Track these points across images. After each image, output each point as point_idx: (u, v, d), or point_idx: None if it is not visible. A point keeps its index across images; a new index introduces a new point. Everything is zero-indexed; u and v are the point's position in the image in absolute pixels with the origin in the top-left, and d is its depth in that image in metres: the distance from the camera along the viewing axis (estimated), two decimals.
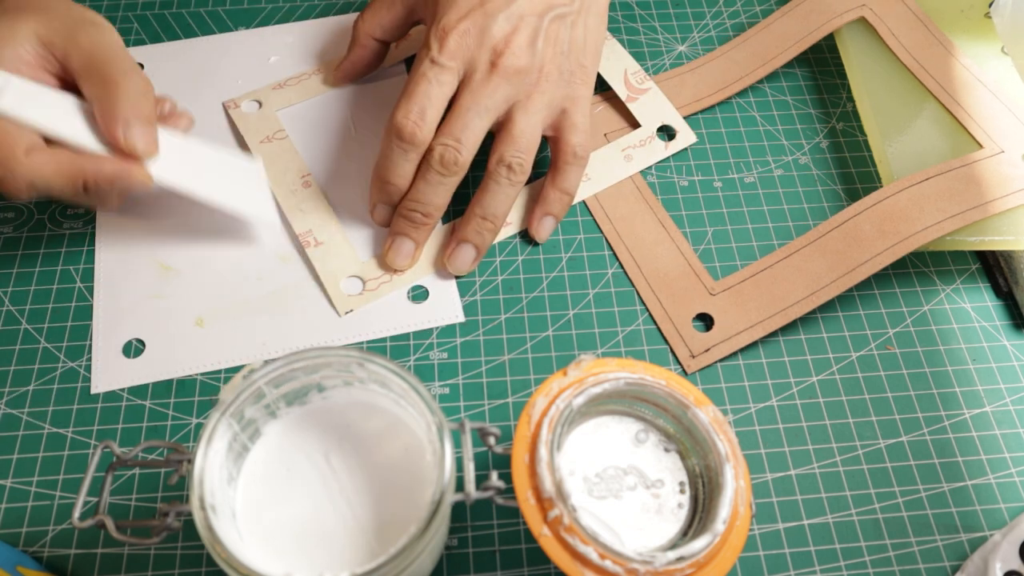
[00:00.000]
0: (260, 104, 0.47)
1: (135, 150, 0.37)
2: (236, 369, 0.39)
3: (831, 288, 0.40)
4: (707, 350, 0.40)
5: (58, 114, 0.37)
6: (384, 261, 0.42)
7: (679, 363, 0.40)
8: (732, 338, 0.40)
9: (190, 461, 0.28)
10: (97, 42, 0.38)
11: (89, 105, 0.37)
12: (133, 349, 0.40)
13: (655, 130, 0.47)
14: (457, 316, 0.41)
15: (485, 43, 0.40)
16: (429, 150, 0.40)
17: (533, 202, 0.44)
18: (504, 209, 0.42)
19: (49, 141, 0.37)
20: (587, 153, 0.42)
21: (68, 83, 0.38)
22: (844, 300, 0.42)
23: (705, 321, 0.41)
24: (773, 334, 0.41)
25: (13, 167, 0.35)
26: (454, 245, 0.42)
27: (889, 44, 0.47)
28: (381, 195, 0.42)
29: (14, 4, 0.38)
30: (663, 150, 0.46)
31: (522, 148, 0.40)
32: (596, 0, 0.43)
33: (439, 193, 0.41)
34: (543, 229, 0.43)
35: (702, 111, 0.49)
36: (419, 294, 0.42)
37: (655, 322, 0.41)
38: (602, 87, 0.49)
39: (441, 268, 0.42)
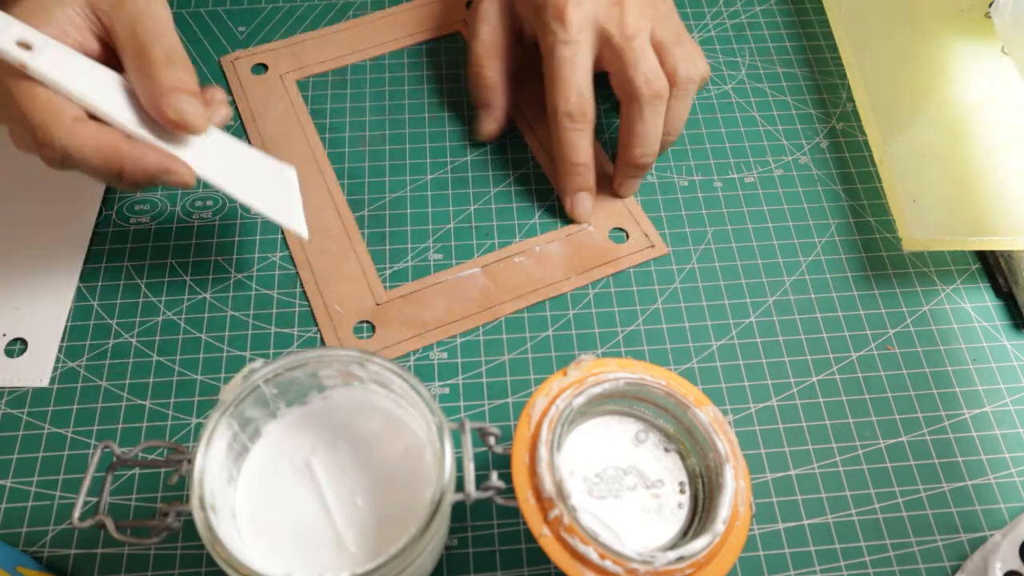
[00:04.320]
0: None
1: (184, 119, 0.34)
2: (237, 367, 0.39)
3: (476, 317, 0.41)
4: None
5: (98, 86, 0.35)
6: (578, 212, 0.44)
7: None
8: (392, 346, 0.40)
9: (190, 461, 0.28)
10: (142, 12, 0.35)
11: (130, 82, 0.35)
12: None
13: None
14: (42, 380, 0.39)
15: (599, 2, 0.41)
16: (633, 89, 0.41)
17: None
18: (683, 120, 0.44)
19: (96, 119, 0.35)
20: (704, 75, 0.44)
21: (114, 55, 0.36)
22: (844, 300, 0.42)
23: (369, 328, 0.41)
24: (772, 334, 0.41)
25: (54, 134, 0.33)
26: (623, 178, 0.44)
27: None
28: (577, 181, 0.43)
29: None
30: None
31: (681, 55, 0.42)
32: None
33: (658, 126, 0.42)
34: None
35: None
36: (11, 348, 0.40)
37: (316, 322, 0.41)
38: None
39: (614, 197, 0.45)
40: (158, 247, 0.43)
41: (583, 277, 0.42)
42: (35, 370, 0.39)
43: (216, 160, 0.37)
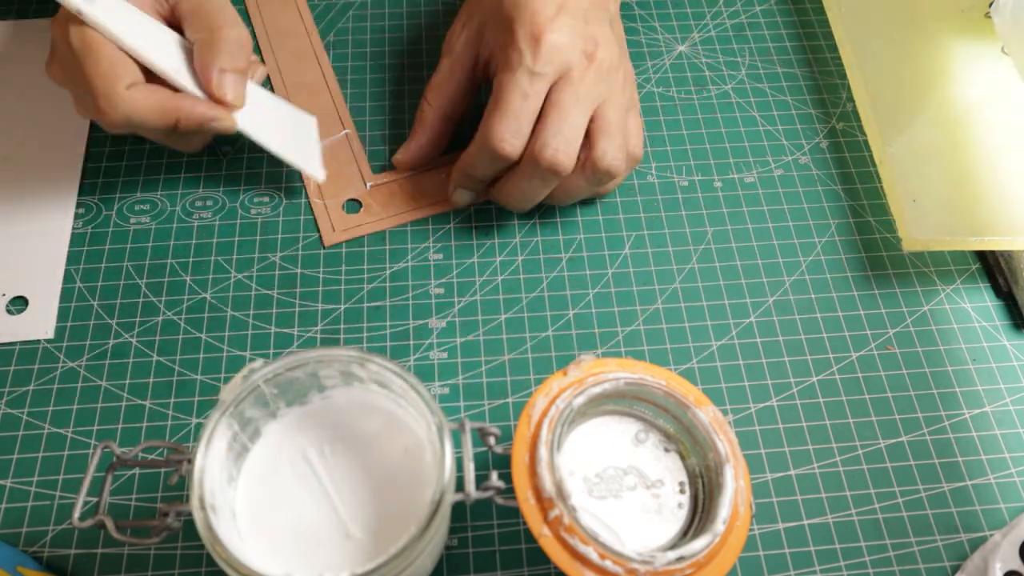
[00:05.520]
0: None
1: (225, 98, 0.39)
2: (237, 367, 0.39)
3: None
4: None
5: (157, 46, 0.39)
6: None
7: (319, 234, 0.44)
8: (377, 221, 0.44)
9: (190, 461, 0.28)
10: None
11: (190, 46, 0.40)
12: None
13: None
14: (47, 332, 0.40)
15: (577, 42, 0.39)
16: (536, 154, 0.38)
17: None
18: (576, 197, 0.42)
19: (148, 78, 0.39)
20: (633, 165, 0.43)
21: (175, 27, 0.41)
22: (844, 300, 0.42)
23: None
24: (772, 334, 0.41)
25: (115, 101, 0.37)
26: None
27: None
28: (465, 182, 0.42)
29: None
30: None
31: (618, 145, 0.40)
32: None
33: (539, 194, 0.41)
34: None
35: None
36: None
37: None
38: None
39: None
40: (158, 247, 0.43)
41: None
42: (39, 324, 0.40)
43: (249, 111, 0.41)
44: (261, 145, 0.42)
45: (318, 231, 0.44)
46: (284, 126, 0.44)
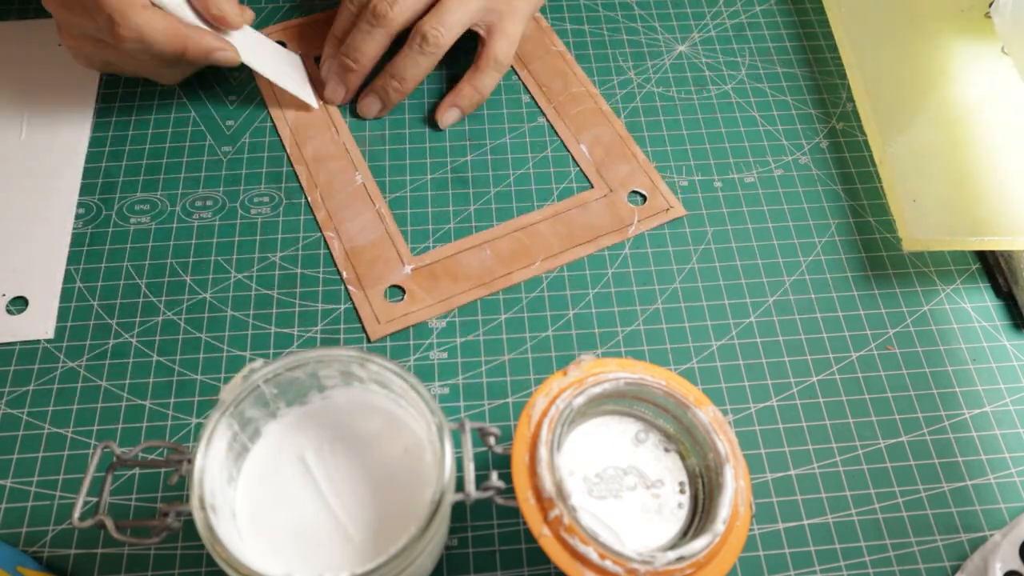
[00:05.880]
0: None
1: (225, 17, 0.43)
2: (237, 367, 0.39)
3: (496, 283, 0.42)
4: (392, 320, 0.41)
5: None
6: (323, 95, 0.48)
7: (364, 329, 0.41)
8: (420, 310, 0.41)
9: (190, 461, 0.28)
10: None
11: None
12: None
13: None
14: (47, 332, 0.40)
15: None
16: (416, 25, 0.45)
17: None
18: (413, 75, 0.46)
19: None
20: (508, 62, 0.47)
21: None
22: (844, 300, 0.42)
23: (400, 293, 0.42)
24: (772, 334, 0.41)
25: (129, 15, 0.39)
26: (364, 94, 0.47)
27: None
28: (329, 52, 0.47)
29: None
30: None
31: (443, 23, 0.45)
32: None
33: (367, 41, 0.45)
34: (448, 117, 0.47)
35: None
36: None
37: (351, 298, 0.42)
38: None
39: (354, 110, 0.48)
40: (158, 247, 0.43)
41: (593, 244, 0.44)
42: (39, 324, 0.41)
43: (248, 47, 0.45)
44: (261, 74, 0.46)
45: (360, 323, 0.41)
46: (279, 60, 0.48)
